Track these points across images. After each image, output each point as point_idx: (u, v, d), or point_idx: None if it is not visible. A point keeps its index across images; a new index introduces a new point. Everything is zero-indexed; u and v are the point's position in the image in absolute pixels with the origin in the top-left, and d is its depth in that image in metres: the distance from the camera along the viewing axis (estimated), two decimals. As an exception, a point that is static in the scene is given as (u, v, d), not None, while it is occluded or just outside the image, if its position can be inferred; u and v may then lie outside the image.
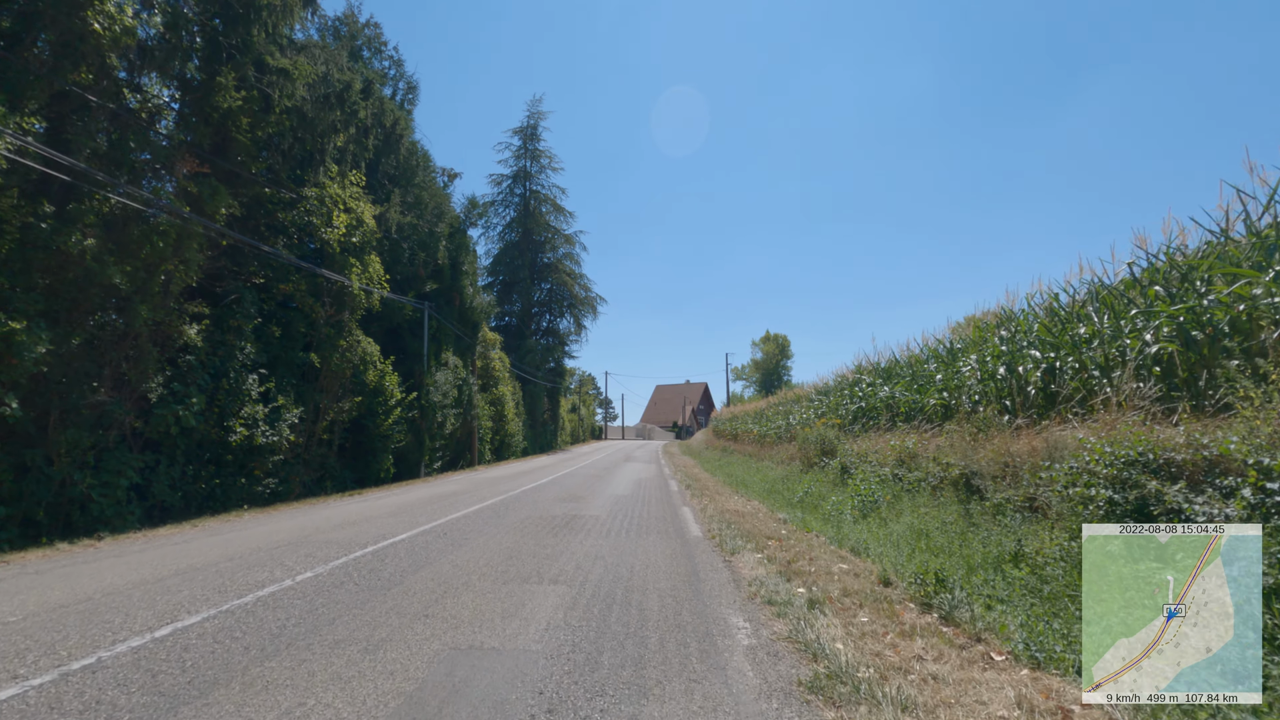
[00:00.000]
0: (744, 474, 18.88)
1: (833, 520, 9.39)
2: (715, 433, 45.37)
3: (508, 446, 31.63)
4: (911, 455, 10.12)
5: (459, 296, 23.34)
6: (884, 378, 15.17)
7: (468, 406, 24.75)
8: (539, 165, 45.30)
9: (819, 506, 11.08)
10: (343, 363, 15.83)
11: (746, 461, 23.15)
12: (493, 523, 9.29)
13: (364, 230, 16.59)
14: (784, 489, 13.96)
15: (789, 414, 22.96)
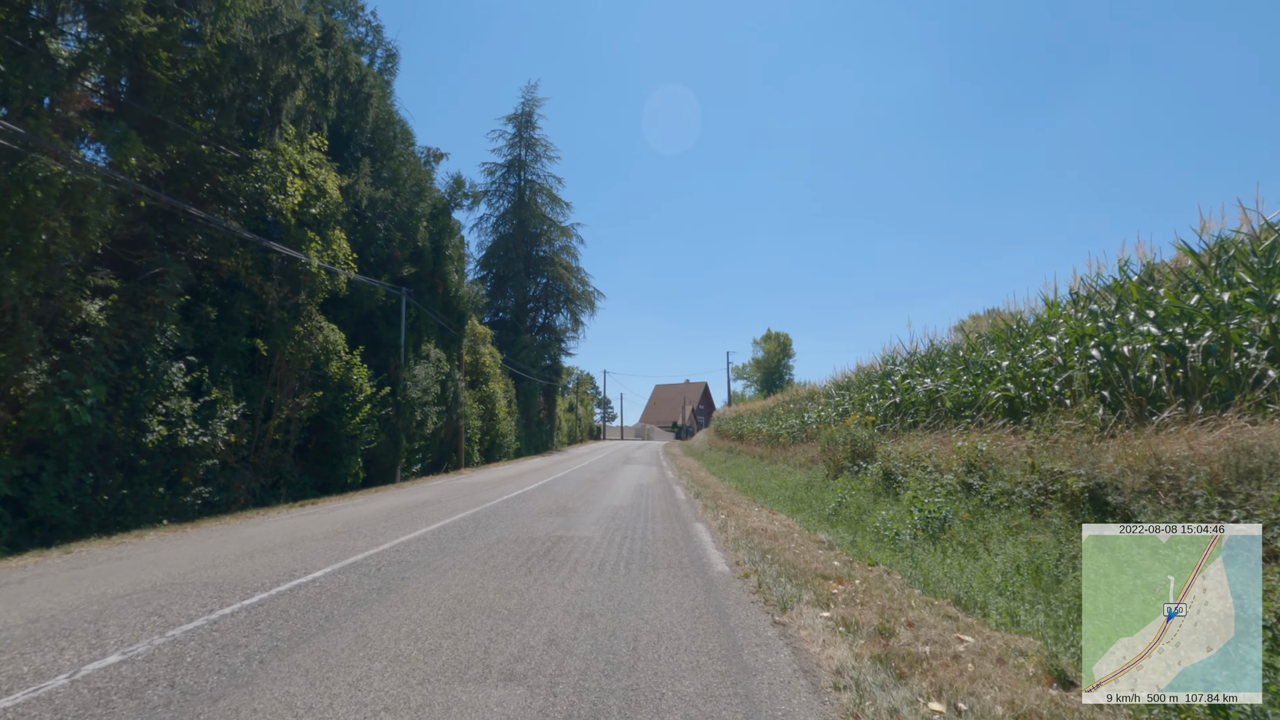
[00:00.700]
0: (757, 478, 16.72)
1: (894, 545, 7.22)
2: (718, 433, 43.23)
3: (499, 448, 29.45)
4: (986, 460, 7.95)
5: (442, 283, 21.17)
6: (924, 368, 13.00)
7: (453, 404, 22.56)
8: (534, 154, 43.16)
9: (863, 522, 8.93)
10: (300, 352, 13.65)
11: (757, 464, 20.98)
12: (451, 549, 7.11)
13: (326, 202, 14.41)
14: (811, 498, 11.80)
15: (803, 412, 20.80)
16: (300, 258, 13.42)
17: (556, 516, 9.72)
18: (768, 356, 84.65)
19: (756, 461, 21.73)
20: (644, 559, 6.43)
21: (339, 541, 7.66)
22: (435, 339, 20.86)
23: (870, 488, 10.58)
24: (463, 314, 23.23)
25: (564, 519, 9.42)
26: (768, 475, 16.85)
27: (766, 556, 6.36)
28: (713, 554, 6.71)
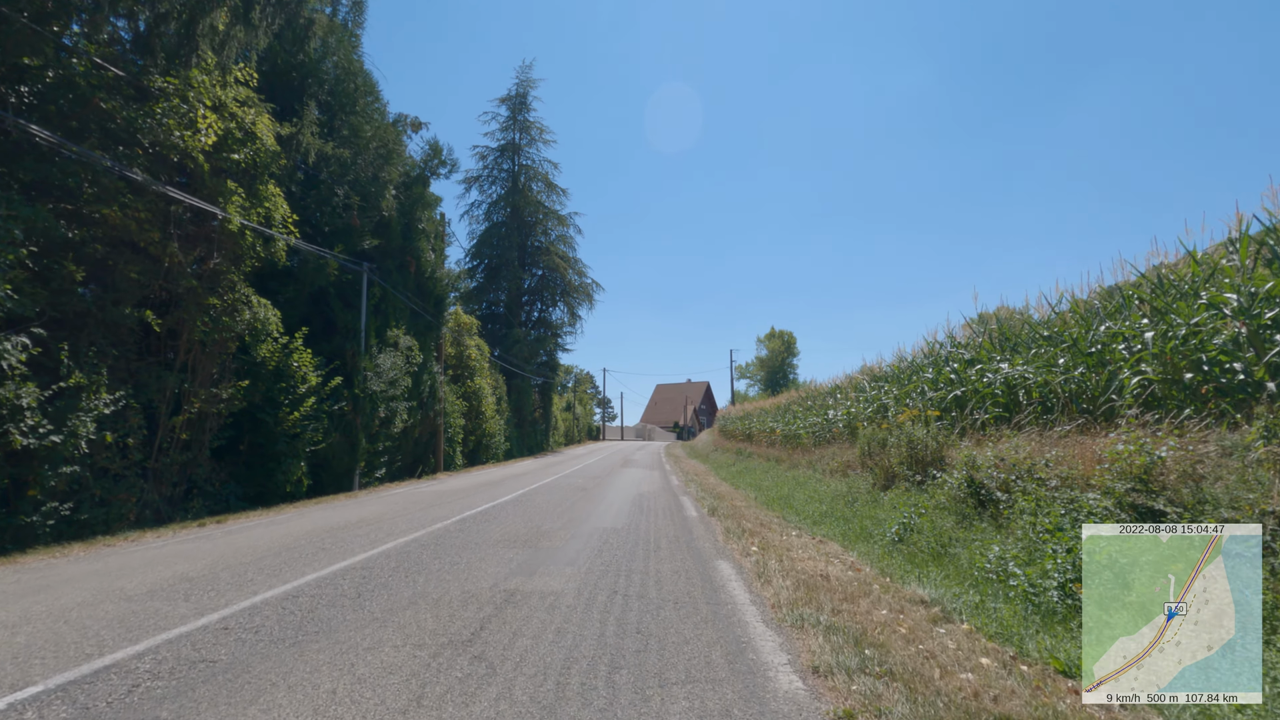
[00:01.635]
0: (779, 487, 13.90)
1: (1043, 609, 4.40)
2: (723, 433, 40.39)
3: (486, 449, 26.63)
4: (1178, 472, 5.12)
5: (415, 262, 18.36)
6: (1003, 349, 10.16)
7: (429, 400, 19.76)
8: (529, 137, 40.32)
9: (953, 559, 6.14)
10: (216, 330, 10.85)
11: (773, 469, 18.17)
12: (315, 628, 4.29)
13: (256, 149, 11.61)
14: (860, 517, 9.00)
15: (827, 408, 17.98)
16: (215, 212, 10.62)
17: (522, 548, 6.89)
18: (771, 355, 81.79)
19: (772, 465, 18.90)
20: (642, 651, 3.61)
21: (140, 606, 4.84)
22: (406, 325, 18.06)
23: (948, 505, 7.77)
24: (441, 298, 20.43)
25: (531, 553, 6.59)
26: (791, 483, 14.02)
27: (860, 645, 3.54)
28: (763, 640, 3.86)
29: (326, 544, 7.22)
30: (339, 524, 8.88)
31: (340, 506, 11.41)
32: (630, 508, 10.59)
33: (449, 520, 9.02)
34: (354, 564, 6.09)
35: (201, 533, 8.50)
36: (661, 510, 10.30)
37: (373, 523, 8.95)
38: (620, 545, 7.03)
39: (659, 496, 12.52)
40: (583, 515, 9.62)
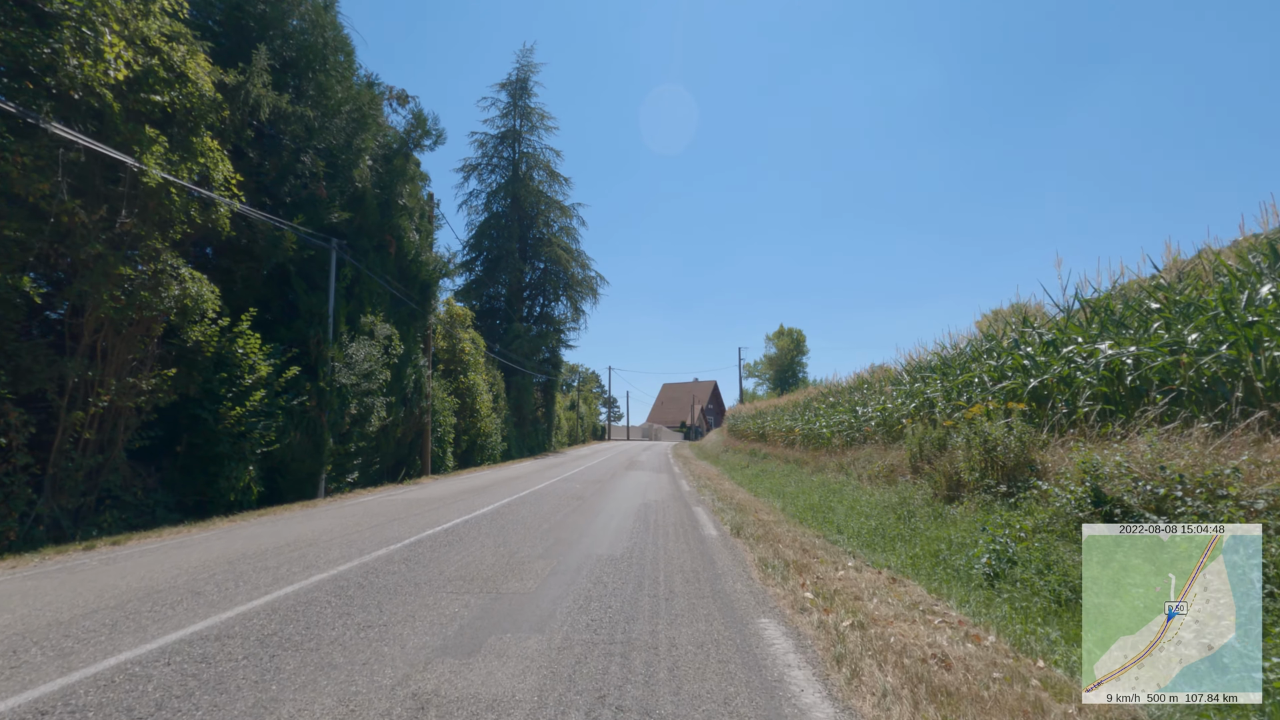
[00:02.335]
0: (806, 494, 11.81)
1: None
2: (733, 432, 38.25)
3: (481, 449, 24.63)
4: None
5: (395, 242, 16.36)
6: (1104, 325, 8.02)
7: (413, 396, 17.78)
8: (530, 124, 38.28)
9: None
10: (132, 308, 8.88)
11: (795, 472, 16.07)
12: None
13: (186, 94, 9.63)
14: (925, 538, 6.95)
15: (857, 405, 15.86)
16: (126, 161, 8.64)
17: (478, 593, 4.83)
18: (780, 353, 79.46)
19: (793, 469, 16.80)
20: None
21: None
22: (385, 312, 16.06)
23: (1057, 528, 5.67)
24: (427, 285, 18.43)
25: (487, 604, 4.53)
26: (822, 490, 11.92)
27: None
28: None
29: (205, 586, 5.18)
30: (261, 548, 6.86)
31: (286, 520, 9.40)
32: (634, 524, 8.53)
33: (399, 543, 6.97)
34: (200, 632, 4.04)
35: (68, 561, 6.49)
36: (672, 527, 8.23)
37: (305, 545, 6.93)
38: (617, 588, 4.97)
39: (668, 507, 10.46)
40: (573, 535, 7.55)
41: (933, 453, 9.50)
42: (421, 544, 6.94)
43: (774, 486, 14.42)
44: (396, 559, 6.11)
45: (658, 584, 5.12)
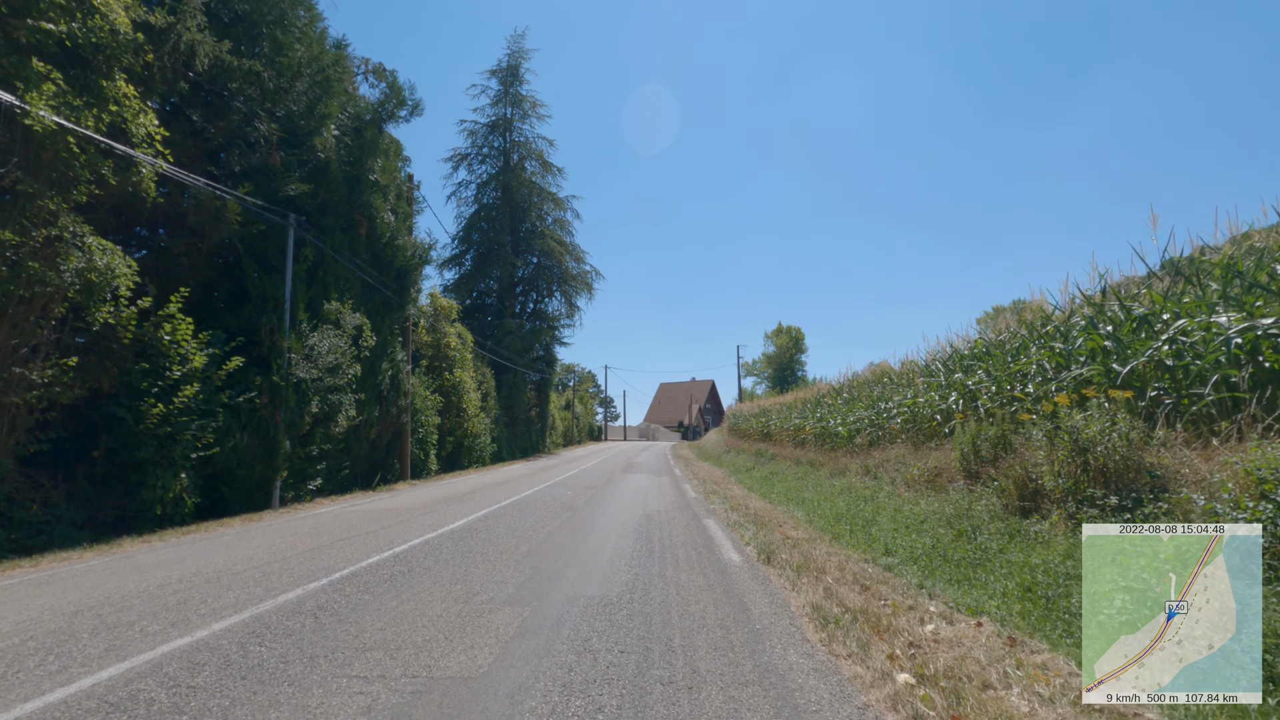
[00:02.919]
0: (830, 501, 10.19)
1: None
2: (734, 432, 36.62)
3: (468, 451, 22.91)
4: None
5: (366, 222, 14.64)
6: (1226, 294, 6.37)
7: (389, 394, 16.08)
8: (521, 111, 36.56)
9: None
10: (16, 281, 7.18)
11: (810, 475, 14.44)
12: None
13: (91, 26, 7.94)
14: (1002, 563, 5.33)
15: (878, 400, 14.22)
16: (4, 98, 6.93)
17: (395, 682, 3.14)
18: (779, 351, 77.92)
19: (808, 471, 15.16)
20: None
21: None
22: (356, 300, 14.36)
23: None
24: (405, 272, 16.72)
25: (403, 704, 2.88)
26: (850, 497, 10.29)
27: None
28: None
29: (12, 659, 3.50)
30: (140, 587, 5.16)
31: (211, 541, 7.70)
32: (634, 544, 6.86)
33: (325, 579, 5.28)
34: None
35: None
36: (682, 549, 6.57)
37: (205, 581, 5.24)
38: (613, 667, 3.29)
39: (674, 520, 8.80)
40: (557, 563, 5.88)
41: (992, 453, 7.86)
42: (354, 580, 5.25)
43: (789, 492, 12.78)
44: (308, 608, 4.42)
45: (672, 654, 3.45)
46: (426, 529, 8.02)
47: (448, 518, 9.07)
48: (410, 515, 9.45)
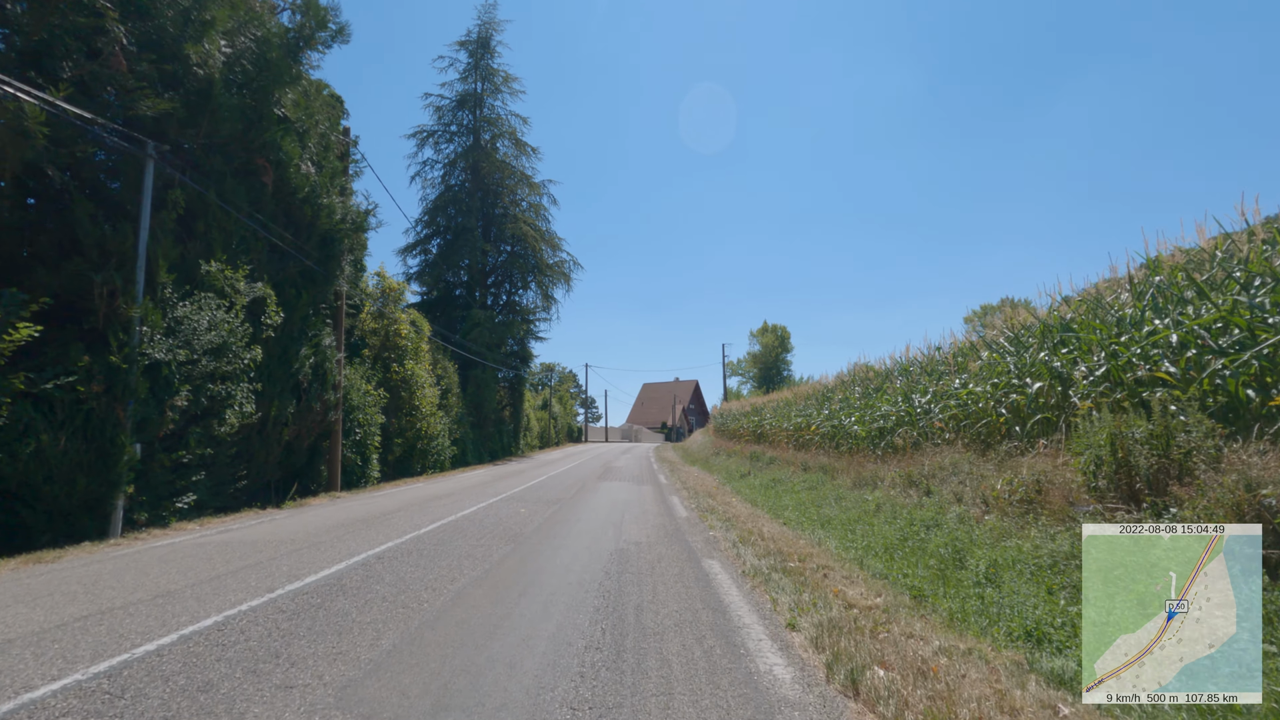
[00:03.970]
0: (880, 530, 7.35)
1: None
2: (721, 432, 33.83)
3: (422, 455, 19.74)
4: None
5: (272, 169, 11.52)
6: None
7: (312, 387, 12.96)
8: (492, 86, 33.41)
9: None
10: None
11: (825, 484, 11.62)
12: None
13: None
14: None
15: (900, 394, 11.45)
16: None
17: None
18: (765, 350, 75.50)
19: (821, 478, 12.34)
20: None
21: None
22: (257, 266, 11.24)
23: None
24: (333, 238, 13.61)
25: None
26: (893, 518, 7.44)
27: None
28: None
29: None
30: None
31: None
32: (592, 620, 3.91)
33: None
34: None
35: None
36: (675, 641, 3.61)
37: None
38: None
39: (661, 563, 5.84)
40: (434, 688, 2.93)
41: (1156, 462, 5.04)
42: None
43: (803, 506, 9.93)
44: None
45: None
46: (263, 588, 4.99)
47: (323, 559, 6.05)
48: (276, 553, 6.40)
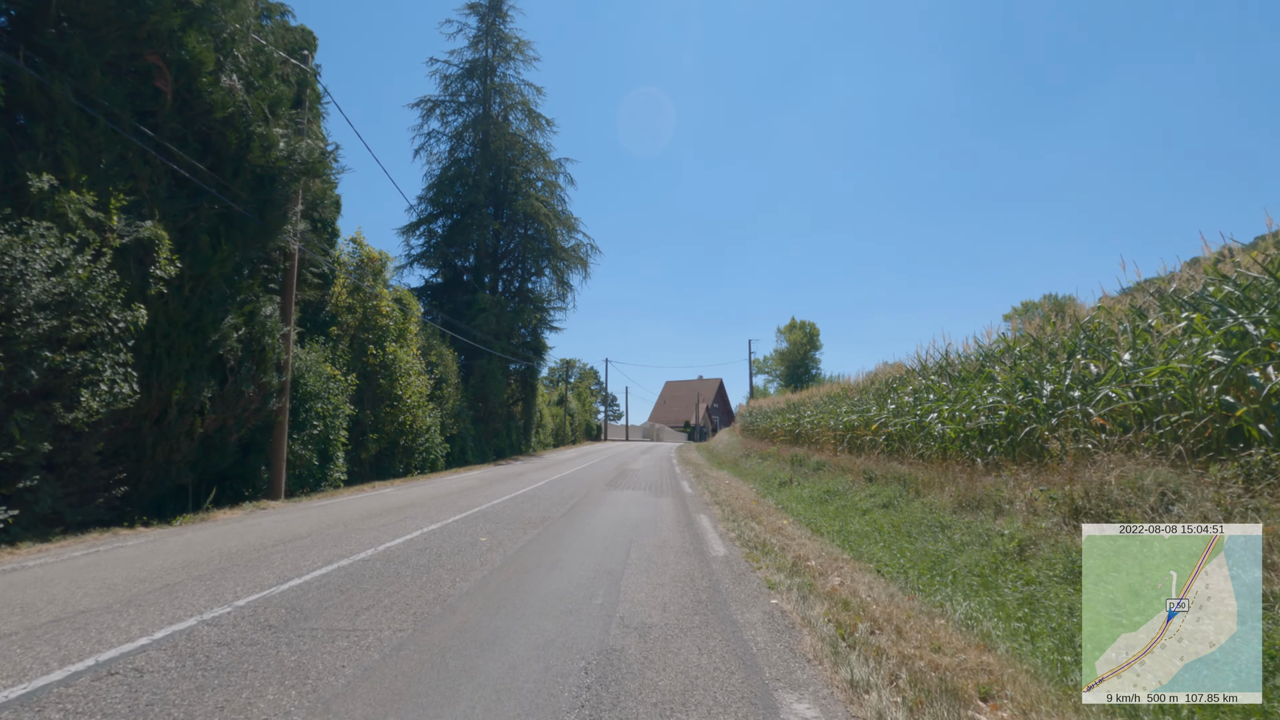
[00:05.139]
0: (1015, 583, 3.99)
1: None
2: (749, 432, 30.40)
3: (405, 453, 16.81)
4: None
5: (169, 72, 8.62)
6: None
7: (244, 366, 10.07)
8: (503, 52, 30.50)
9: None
10: None
11: (916, 505, 8.20)
12: None
13: None
14: None
15: (1030, 375, 8.04)
16: None
17: None
18: (793, 347, 71.44)
19: (899, 494, 8.93)
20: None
21: None
22: (146, 197, 8.37)
23: None
24: (269, 177, 10.68)
25: None
26: (1073, 576, 4.09)
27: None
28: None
29: None
30: None
31: None
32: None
33: None
34: None
35: None
36: None
37: None
38: None
39: (693, 688, 2.60)
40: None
41: None
42: None
43: (894, 540, 6.59)
44: None
45: None
46: None
47: (146, 623, 2.97)
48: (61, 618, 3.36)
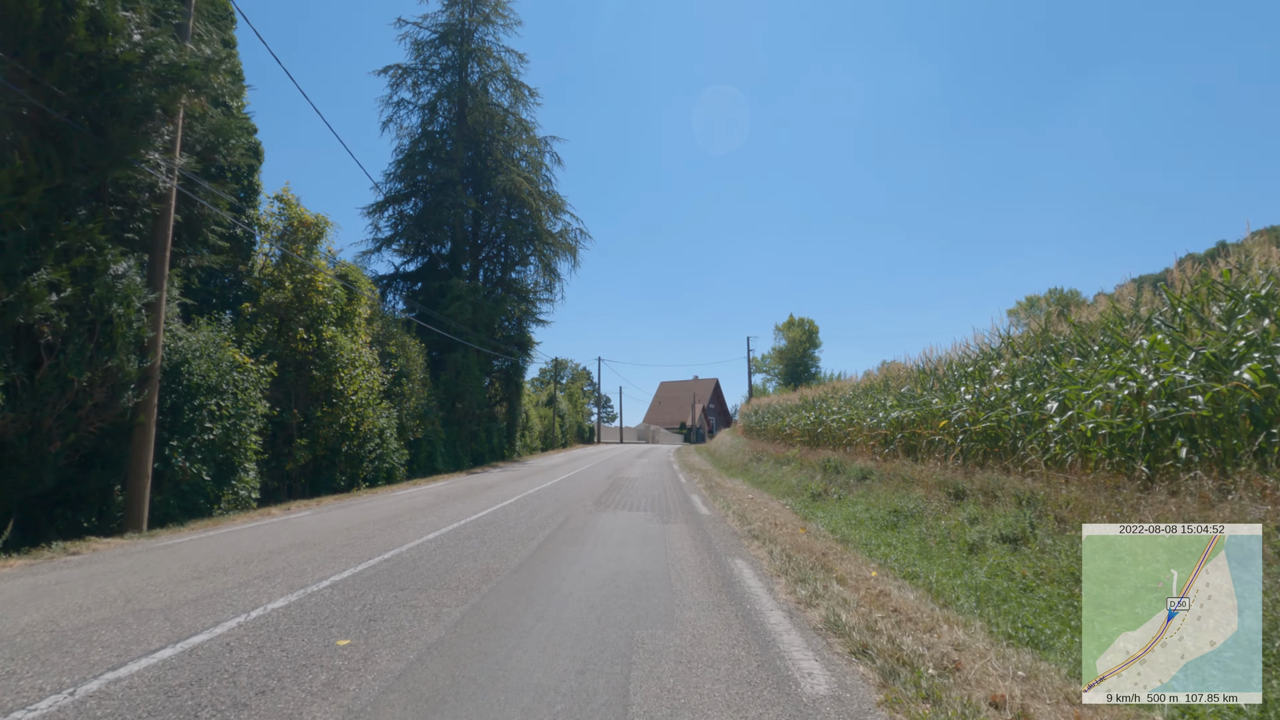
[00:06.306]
0: None
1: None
2: (753, 432, 27.39)
3: (352, 461, 13.66)
4: None
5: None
6: None
7: (77, 345, 6.93)
8: (482, 15, 27.46)
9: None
10: None
11: (1044, 528, 5.23)
12: None
13: None
14: None
15: (1192, 348, 5.17)
16: None
17: None
18: (791, 345, 68.70)
19: (1021, 516, 5.93)
20: None
21: None
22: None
23: None
24: (111, 76, 7.52)
25: None
26: None
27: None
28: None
29: None
30: None
31: None
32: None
33: None
34: None
35: None
36: None
37: None
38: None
39: None
40: None
41: None
42: None
43: (1059, 610, 3.57)
44: None
45: None
46: None
47: None
48: None
